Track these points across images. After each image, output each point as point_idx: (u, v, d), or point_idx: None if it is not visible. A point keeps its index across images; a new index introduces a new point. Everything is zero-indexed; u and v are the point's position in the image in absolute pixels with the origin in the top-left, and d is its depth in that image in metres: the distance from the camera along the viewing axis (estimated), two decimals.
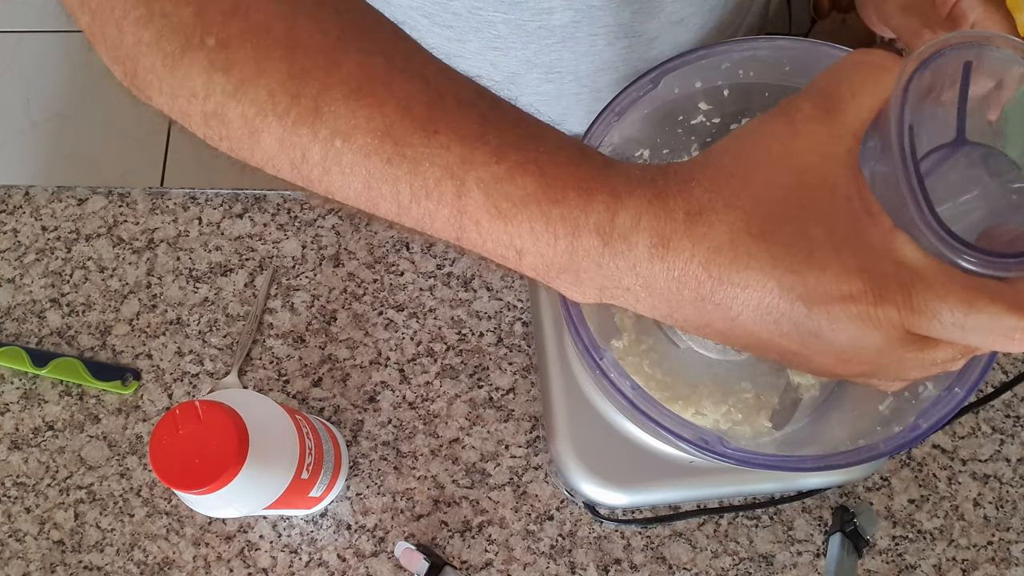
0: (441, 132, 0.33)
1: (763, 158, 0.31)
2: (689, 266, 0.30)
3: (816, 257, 0.29)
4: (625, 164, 0.33)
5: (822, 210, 0.30)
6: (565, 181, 0.32)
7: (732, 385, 0.51)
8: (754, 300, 0.30)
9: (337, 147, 0.33)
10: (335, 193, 0.35)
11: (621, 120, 0.45)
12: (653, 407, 0.41)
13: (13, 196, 0.71)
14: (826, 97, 0.31)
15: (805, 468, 0.41)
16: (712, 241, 0.30)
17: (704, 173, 0.31)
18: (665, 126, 0.49)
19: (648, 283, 0.32)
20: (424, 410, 0.65)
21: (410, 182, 0.33)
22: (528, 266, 0.34)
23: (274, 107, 0.33)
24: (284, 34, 0.34)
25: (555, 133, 0.34)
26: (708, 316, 0.32)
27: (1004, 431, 0.64)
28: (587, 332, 0.42)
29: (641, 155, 0.51)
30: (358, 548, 0.63)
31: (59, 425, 0.66)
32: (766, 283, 0.30)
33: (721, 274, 0.30)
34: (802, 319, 0.30)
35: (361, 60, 0.34)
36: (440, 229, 0.34)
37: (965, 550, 0.62)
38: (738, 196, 0.30)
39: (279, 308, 0.68)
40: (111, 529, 0.64)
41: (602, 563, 0.62)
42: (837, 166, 0.30)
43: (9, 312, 0.68)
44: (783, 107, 0.32)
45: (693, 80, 0.46)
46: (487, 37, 0.53)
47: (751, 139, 0.32)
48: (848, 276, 0.29)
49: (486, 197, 0.33)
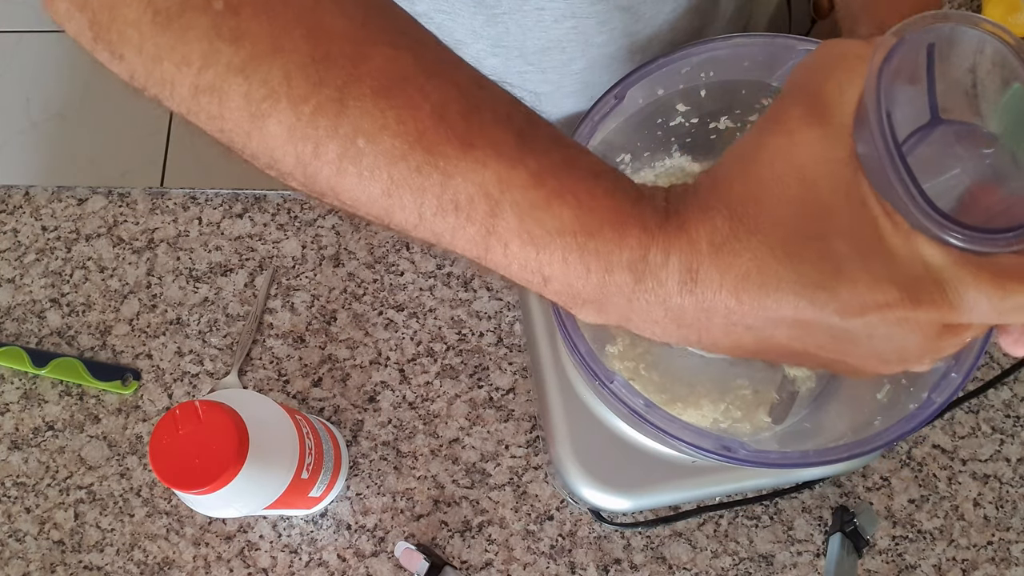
0: (478, 147, 0.31)
1: (770, 176, 0.30)
2: (719, 296, 0.30)
3: (845, 271, 0.29)
4: (652, 192, 0.33)
5: (841, 220, 0.30)
6: (602, 215, 0.31)
7: (729, 382, 0.51)
8: (788, 320, 0.30)
9: (359, 147, 0.31)
10: (344, 195, 0.32)
11: (593, 138, 0.46)
12: (668, 421, 0.41)
13: (13, 196, 0.71)
14: (815, 99, 0.31)
15: (820, 462, 0.41)
16: (739, 269, 0.30)
17: (720, 200, 0.31)
18: (644, 130, 0.50)
19: (677, 316, 0.31)
20: (424, 410, 0.65)
21: (438, 195, 0.31)
22: (552, 292, 0.33)
23: (289, 91, 0.30)
24: (306, 11, 0.30)
25: (589, 156, 0.33)
26: (739, 339, 0.32)
27: (1004, 431, 0.64)
28: (593, 357, 0.42)
29: (623, 159, 0.51)
30: (358, 548, 0.63)
31: (59, 425, 0.66)
32: (798, 303, 0.29)
33: (752, 300, 0.30)
34: (838, 332, 0.30)
35: (390, 55, 0.31)
36: (462, 246, 0.33)
37: (965, 550, 0.62)
38: (757, 221, 0.30)
39: (279, 308, 0.68)
40: (111, 529, 0.64)
41: (602, 563, 0.62)
42: (844, 170, 0.30)
43: (9, 312, 0.68)
44: (774, 116, 0.31)
45: (655, 88, 0.47)
46: (434, 1, 0.51)
47: (754, 159, 0.31)
48: (880, 285, 0.29)
49: (520, 222, 0.31)
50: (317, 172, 0.31)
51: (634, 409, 0.42)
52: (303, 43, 0.30)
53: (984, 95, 0.32)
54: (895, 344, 0.30)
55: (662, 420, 0.41)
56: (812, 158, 0.30)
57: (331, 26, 0.31)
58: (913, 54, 0.31)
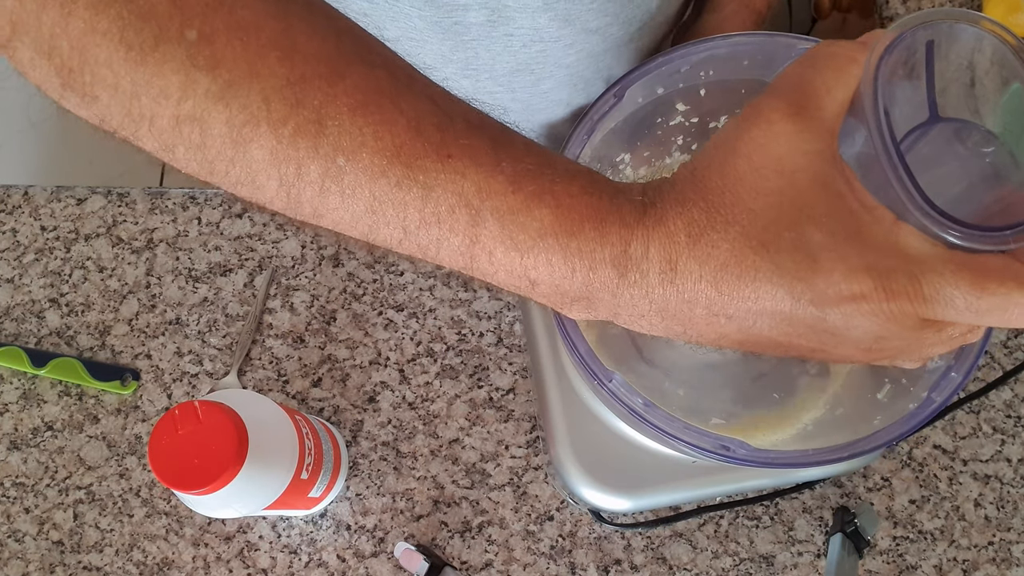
0: (455, 157, 0.31)
1: (748, 168, 0.31)
2: (699, 286, 0.31)
3: (821, 261, 0.29)
4: (627, 187, 0.33)
5: (819, 211, 0.30)
6: (581, 213, 0.31)
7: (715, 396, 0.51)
8: (767, 310, 0.30)
9: (340, 165, 0.31)
10: (327, 216, 0.32)
11: (592, 136, 0.46)
12: (668, 422, 0.41)
13: (12, 196, 0.71)
14: (801, 94, 0.31)
15: (821, 461, 0.41)
16: (717, 260, 0.30)
17: (697, 193, 0.31)
18: (644, 129, 0.50)
19: (661, 308, 0.32)
20: (424, 410, 0.65)
21: (420, 208, 0.31)
22: (540, 295, 0.34)
23: (269, 115, 0.30)
24: (279, 34, 0.31)
25: (563, 159, 0.34)
26: (722, 329, 0.32)
27: (1005, 431, 0.64)
28: (592, 356, 0.42)
29: (622, 159, 0.51)
30: (358, 548, 0.63)
31: (58, 425, 0.66)
32: (775, 292, 0.30)
33: (731, 290, 0.30)
34: (816, 322, 0.30)
35: (364, 72, 0.32)
36: (447, 257, 0.33)
37: (966, 550, 0.62)
38: (734, 212, 0.30)
39: (279, 308, 0.68)
40: (110, 529, 0.63)
41: (602, 563, 0.62)
42: (824, 163, 0.30)
43: (8, 312, 0.68)
44: (755, 110, 0.32)
45: (655, 87, 0.47)
46: (403, 28, 0.52)
47: (732, 151, 0.31)
48: (855, 276, 0.29)
49: (501, 228, 0.32)
50: (301, 194, 0.31)
51: (633, 409, 0.41)
52: (279, 66, 0.30)
53: (983, 94, 0.32)
54: (873, 335, 0.31)
55: (661, 420, 0.41)
56: (792, 150, 0.30)
57: (305, 48, 0.31)
58: (911, 51, 0.31)
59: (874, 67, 0.30)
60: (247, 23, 0.30)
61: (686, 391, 0.51)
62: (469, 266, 0.33)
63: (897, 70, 0.31)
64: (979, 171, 0.32)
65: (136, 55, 0.29)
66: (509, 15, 0.51)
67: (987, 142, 0.31)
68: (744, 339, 0.32)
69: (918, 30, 0.31)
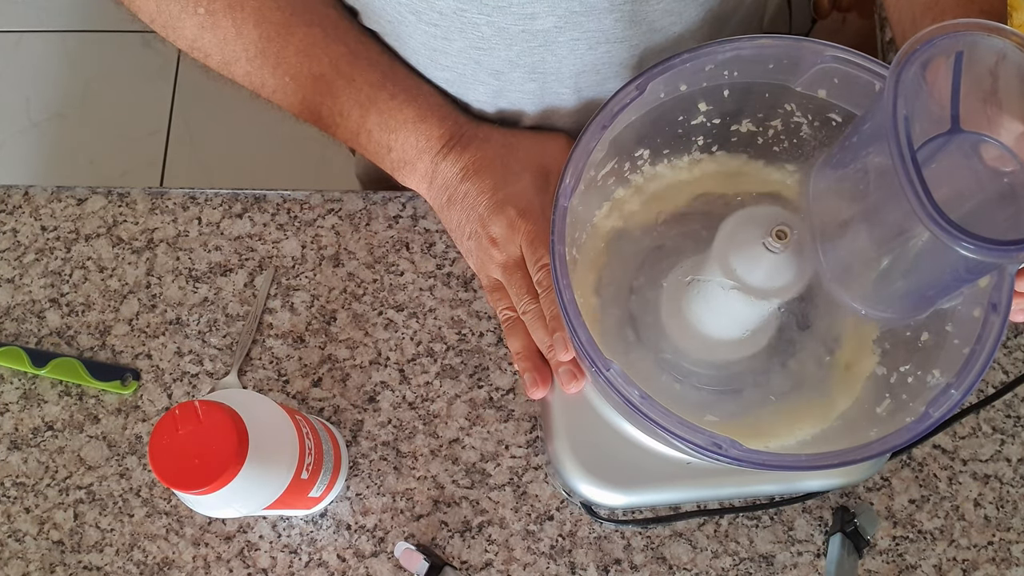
0: (357, 80, 0.58)
1: (516, 170, 0.61)
2: (462, 188, 0.59)
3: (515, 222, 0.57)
4: (456, 115, 0.60)
5: (520, 201, 0.58)
6: (431, 112, 0.59)
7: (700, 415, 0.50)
8: (474, 222, 0.59)
9: (286, 82, 0.58)
10: (275, 102, 0.60)
11: (612, 127, 0.45)
12: (662, 415, 0.41)
13: (12, 196, 0.71)
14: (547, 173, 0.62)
15: (813, 466, 0.41)
16: (479, 187, 0.58)
17: (485, 153, 0.59)
18: (664, 126, 0.49)
19: (452, 191, 0.59)
20: (424, 410, 0.65)
21: (331, 106, 0.58)
22: (390, 160, 0.60)
23: (247, 57, 0.58)
24: (255, 10, 0.57)
25: (428, 84, 0.60)
26: (449, 215, 0.61)
27: (1005, 431, 0.64)
28: (591, 344, 0.42)
29: (641, 155, 0.51)
30: (358, 548, 0.63)
31: (58, 425, 0.66)
32: (482, 216, 0.58)
33: (466, 188, 0.59)
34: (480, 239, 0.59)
35: (306, 31, 0.57)
36: (342, 134, 0.60)
37: (966, 550, 0.62)
38: (504, 182, 0.59)
39: (279, 308, 0.68)
40: (111, 529, 0.64)
41: (602, 563, 0.62)
42: (532, 191, 0.59)
43: (8, 312, 0.68)
44: (540, 160, 0.62)
45: (678, 83, 0.47)
46: (471, 38, 0.54)
47: (513, 159, 0.61)
48: (496, 222, 0.58)
49: (379, 117, 0.58)
50: (259, 92, 0.60)
51: (628, 399, 0.41)
52: (254, 30, 0.57)
53: (1006, 106, 0.32)
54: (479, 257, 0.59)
55: (656, 412, 0.41)
56: (530, 179, 0.60)
57: (269, 17, 0.57)
58: (932, 62, 0.31)
59: (897, 72, 0.30)
60: (235, 3, 0.56)
61: (683, 387, 0.51)
62: (353, 140, 0.60)
63: (916, 81, 0.30)
64: (996, 186, 0.31)
65: (169, 15, 0.58)
66: (576, 20, 0.53)
67: (1005, 159, 0.31)
68: (456, 227, 0.61)
69: (942, 40, 0.31)
